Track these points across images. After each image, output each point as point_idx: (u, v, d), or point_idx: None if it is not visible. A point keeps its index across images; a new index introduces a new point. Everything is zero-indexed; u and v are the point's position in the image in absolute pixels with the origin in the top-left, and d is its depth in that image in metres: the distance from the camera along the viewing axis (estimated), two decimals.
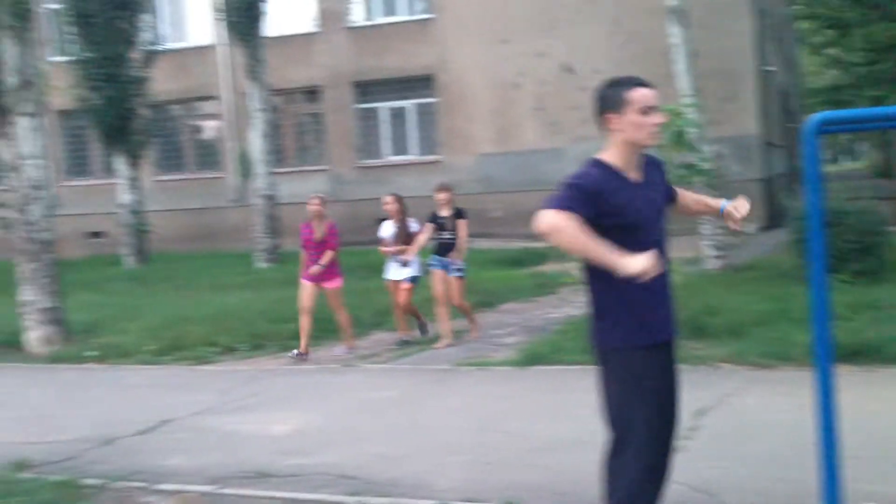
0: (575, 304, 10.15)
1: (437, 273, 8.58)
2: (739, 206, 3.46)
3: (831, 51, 21.28)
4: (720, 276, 10.84)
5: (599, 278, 3.22)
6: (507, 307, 10.64)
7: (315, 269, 8.36)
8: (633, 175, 3.29)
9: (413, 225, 8.84)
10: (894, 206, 17.14)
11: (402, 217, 8.82)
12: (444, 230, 8.54)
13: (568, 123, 18.57)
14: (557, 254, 14.44)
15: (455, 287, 8.57)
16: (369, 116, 20.79)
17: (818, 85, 29.35)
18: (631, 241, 3.12)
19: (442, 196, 8.66)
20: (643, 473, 3.30)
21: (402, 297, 8.68)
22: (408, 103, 20.51)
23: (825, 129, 2.59)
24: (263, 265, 15.96)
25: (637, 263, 2.95)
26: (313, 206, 8.55)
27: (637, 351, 3.22)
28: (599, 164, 3.27)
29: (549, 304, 10.58)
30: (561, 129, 18.62)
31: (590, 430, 4.87)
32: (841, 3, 14.52)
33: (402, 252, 8.52)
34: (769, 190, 18.37)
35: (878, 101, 13.93)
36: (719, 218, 3.61)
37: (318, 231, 8.50)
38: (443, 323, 8.62)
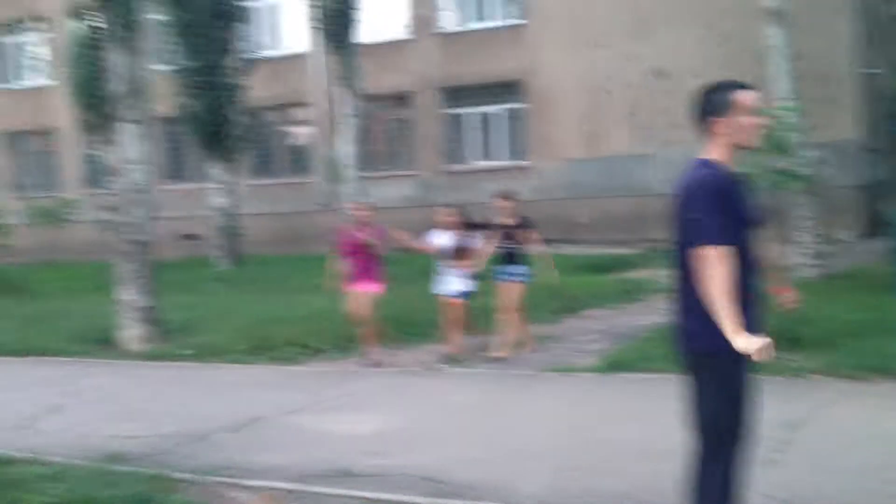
0: (661, 312, 9.99)
1: (505, 283, 8.28)
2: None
3: None
4: (816, 284, 10.46)
5: (696, 282, 3.22)
6: (591, 313, 10.55)
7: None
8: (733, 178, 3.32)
9: (475, 239, 8.48)
10: None
11: (466, 229, 8.50)
12: (510, 239, 8.23)
13: (657, 128, 18.28)
14: (645, 260, 14.23)
15: (517, 293, 8.27)
16: (458, 122, 20.95)
17: None
18: (740, 241, 3.19)
19: (505, 204, 8.39)
20: (731, 481, 3.31)
21: (455, 313, 8.42)
22: (497, 108, 20.57)
23: None
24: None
25: (750, 343, 3.06)
26: (360, 213, 8.60)
27: (734, 356, 3.20)
28: (711, 165, 3.29)
29: (635, 311, 10.42)
30: (650, 135, 18.33)
31: (674, 440, 4.80)
32: None
33: (467, 265, 8.29)
34: (870, 197, 17.65)
35: None
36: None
37: (366, 236, 8.38)
38: (510, 332, 8.35)
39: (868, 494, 4.20)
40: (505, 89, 20.20)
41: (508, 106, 20.41)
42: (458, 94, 20.72)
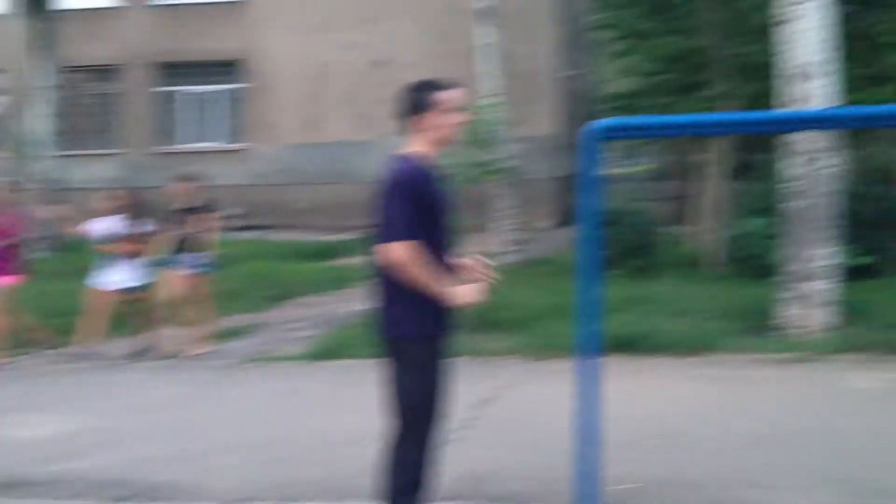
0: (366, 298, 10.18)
1: (177, 273, 7.73)
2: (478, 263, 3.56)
3: (627, 59, 22.56)
4: (514, 270, 11.21)
5: (392, 271, 3.30)
6: (303, 300, 10.48)
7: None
8: (433, 173, 3.44)
9: (145, 226, 7.79)
10: (673, 207, 18.52)
11: (134, 213, 7.77)
12: (186, 225, 7.64)
13: (377, 117, 18.56)
14: (362, 247, 14.42)
15: (193, 284, 7.75)
16: (171, 100, 19.87)
17: (615, 91, 31.09)
18: (437, 231, 3.34)
19: (183, 187, 7.81)
20: (424, 462, 3.46)
21: (108, 306, 7.70)
22: (214, 88, 19.76)
23: (608, 135, 2.72)
24: (45, 254, 14.82)
25: (467, 294, 3.28)
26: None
27: (430, 340, 3.37)
28: (411, 160, 3.38)
29: (347, 298, 10.49)
30: (370, 123, 18.60)
31: (376, 424, 4.89)
32: (635, 16, 15.42)
33: (133, 252, 7.64)
34: (564, 188, 19.27)
35: (667, 108, 14.90)
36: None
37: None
38: (201, 325, 7.92)
39: (538, 468, 4.52)
40: (224, 69, 19.47)
41: (227, 86, 19.70)
42: (173, 70, 19.63)
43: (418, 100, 3.39)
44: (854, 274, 8.73)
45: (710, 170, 12.29)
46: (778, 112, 6.47)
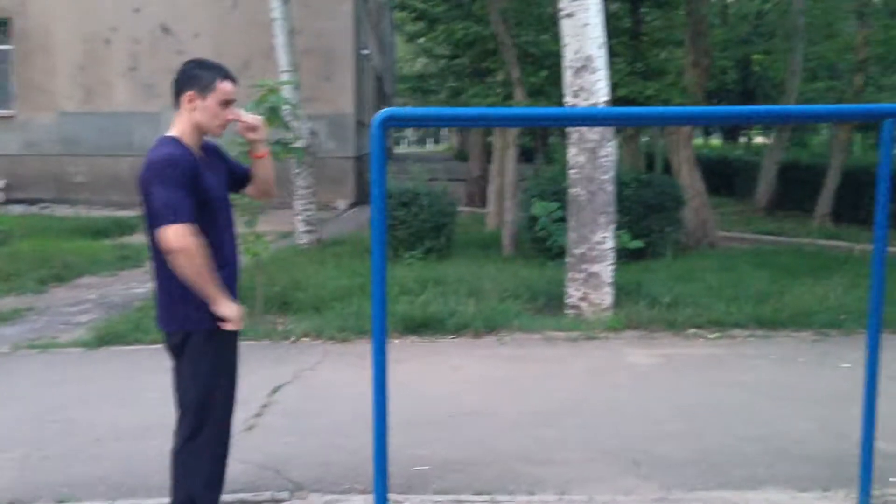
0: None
1: None
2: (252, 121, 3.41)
3: (421, 41, 22.87)
4: (309, 251, 11.10)
5: (165, 261, 3.13)
6: (84, 281, 9.79)
7: None
8: (200, 155, 3.26)
9: None
10: (467, 187, 19.09)
11: None
12: None
13: (163, 87, 17.64)
14: (141, 225, 13.69)
15: None
16: None
17: (410, 72, 31.49)
18: (209, 220, 3.17)
19: None
20: (218, 456, 3.33)
21: None
22: None
23: (391, 123, 2.77)
24: None
25: (233, 310, 3.18)
26: None
27: (214, 332, 3.21)
28: (178, 143, 3.18)
29: (132, 278, 9.95)
30: (155, 93, 17.65)
31: (157, 415, 4.66)
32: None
33: None
34: (360, 168, 19.30)
35: (456, 92, 15.27)
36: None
37: None
38: None
39: (338, 451, 4.50)
40: None
41: None
42: None
43: (194, 77, 3.21)
44: (631, 257, 9.42)
45: (503, 153, 12.74)
46: (543, 110, 6.84)
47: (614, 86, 9.28)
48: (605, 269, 7.38)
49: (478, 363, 6.27)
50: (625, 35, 13.33)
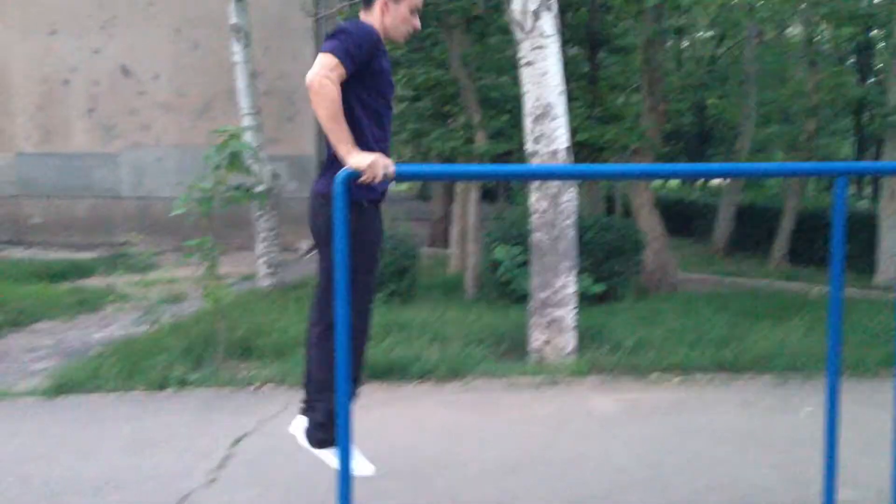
0: (121, 323, 9.55)
1: None
2: None
3: None
4: (272, 294, 11.01)
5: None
6: (40, 326, 9.59)
7: None
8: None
9: None
10: (430, 228, 19.17)
11: None
12: None
13: (123, 128, 17.59)
14: (106, 266, 13.50)
15: None
16: None
17: None
18: (373, 109, 3.51)
19: None
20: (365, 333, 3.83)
21: None
22: None
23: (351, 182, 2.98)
24: None
25: (367, 160, 3.03)
26: None
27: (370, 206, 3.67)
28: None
29: (91, 323, 9.78)
30: (114, 134, 17.53)
31: (118, 467, 4.56)
32: (392, 44, 15.86)
33: None
34: None
35: (418, 133, 15.40)
36: None
37: None
38: None
39: (301, 502, 4.44)
40: None
41: None
42: None
43: None
44: (593, 300, 9.50)
45: (465, 194, 12.83)
46: (506, 167, 6.94)
47: (574, 130, 9.43)
48: (568, 314, 7.42)
49: (443, 410, 6.24)
50: (583, 80, 13.60)
